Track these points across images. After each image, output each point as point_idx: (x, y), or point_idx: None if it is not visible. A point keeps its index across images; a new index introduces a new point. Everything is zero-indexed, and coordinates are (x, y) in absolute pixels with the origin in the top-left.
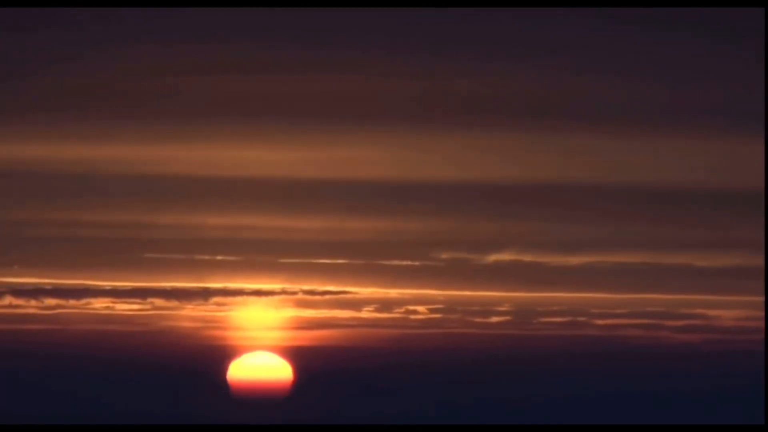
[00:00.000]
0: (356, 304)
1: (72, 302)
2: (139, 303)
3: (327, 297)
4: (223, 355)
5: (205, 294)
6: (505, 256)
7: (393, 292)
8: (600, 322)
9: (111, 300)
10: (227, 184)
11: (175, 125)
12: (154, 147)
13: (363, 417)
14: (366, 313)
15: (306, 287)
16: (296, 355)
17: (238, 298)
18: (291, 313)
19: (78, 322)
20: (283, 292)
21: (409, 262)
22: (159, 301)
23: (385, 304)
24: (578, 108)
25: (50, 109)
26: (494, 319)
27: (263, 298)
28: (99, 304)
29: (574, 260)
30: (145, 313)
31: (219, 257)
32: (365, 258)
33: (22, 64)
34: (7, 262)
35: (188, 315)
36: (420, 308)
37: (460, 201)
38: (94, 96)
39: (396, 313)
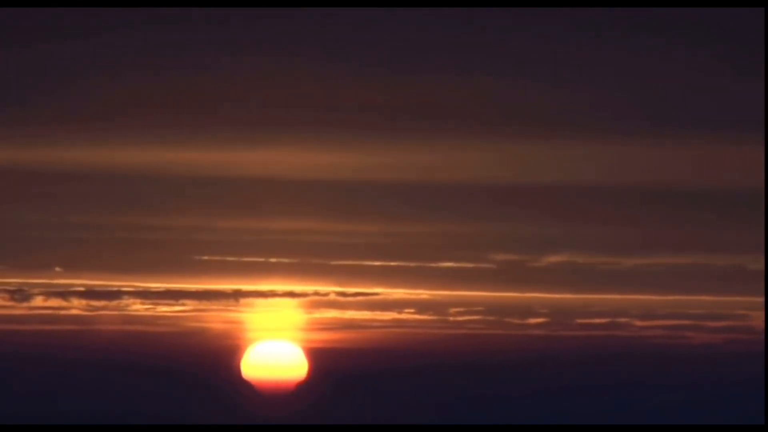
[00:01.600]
0: (390, 306)
1: (103, 303)
2: (169, 305)
3: (359, 298)
4: (239, 354)
5: (236, 296)
6: (559, 258)
7: (437, 294)
8: (639, 323)
9: (141, 301)
10: (282, 186)
11: (232, 130)
12: (211, 151)
13: (366, 418)
14: (402, 315)
15: (338, 289)
16: (315, 355)
17: (270, 300)
18: (320, 314)
19: (104, 323)
20: (315, 293)
21: (462, 264)
22: (191, 303)
23: (423, 306)
24: (625, 113)
25: (105, 115)
26: (531, 320)
27: (295, 300)
28: (134, 306)
29: (628, 262)
30: (172, 315)
31: (273, 260)
32: (418, 260)
33: (89, 68)
34: (50, 264)
35: (216, 317)
36: (457, 309)
37: (514, 203)
38: (154, 101)
39: (429, 315)
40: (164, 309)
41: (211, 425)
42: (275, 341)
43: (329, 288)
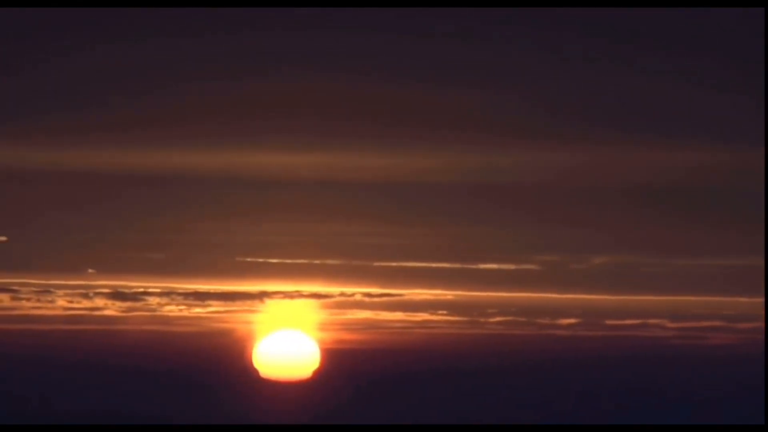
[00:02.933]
0: (419, 307)
1: (136, 304)
2: (195, 306)
3: (384, 299)
4: (251, 351)
5: (262, 296)
6: (604, 260)
7: (469, 295)
8: (671, 324)
9: (169, 302)
10: (327, 188)
11: (279, 136)
12: (257, 155)
13: (369, 418)
14: (434, 316)
15: (363, 290)
16: (328, 354)
17: (297, 301)
18: (341, 315)
19: (134, 324)
20: (341, 294)
21: (504, 266)
22: (216, 304)
23: (452, 307)
24: (667, 117)
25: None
26: (562, 321)
27: (320, 300)
28: (165, 307)
29: (674, 263)
30: (193, 316)
31: (316, 261)
32: (463, 262)
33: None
34: (83, 266)
35: (238, 317)
36: (488, 310)
37: (557, 205)
38: (197, 108)
39: (456, 316)
40: (196, 310)
41: (219, 425)
42: (288, 340)
43: (355, 289)
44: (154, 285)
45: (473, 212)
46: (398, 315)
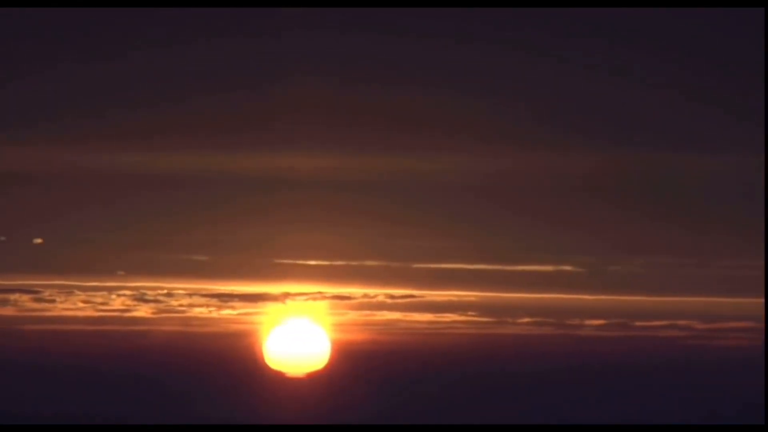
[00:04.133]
0: (435, 308)
1: (151, 306)
2: (223, 308)
3: (407, 300)
4: (263, 352)
5: (284, 298)
6: (642, 260)
7: (495, 297)
8: (700, 326)
9: (191, 303)
10: (360, 189)
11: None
12: (296, 156)
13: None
14: (462, 317)
15: (387, 291)
16: (340, 354)
17: (319, 303)
18: (372, 317)
19: (151, 324)
20: (365, 296)
21: (540, 268)
22: (239, 305)
23: (471, 308)
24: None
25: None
26: (592, 322)
27: (343, 302)
28: (196, 309)
29: (707, 264)
30: (216, 317)
31: (354, 263)
32: (501, 263)
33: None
34: (111, 269)
35: (258, 319)
36: (515, 312)
37: (592, 208)
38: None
39: (476, 317)
40: (223, 312)
41: (224, 425)
42: (297, 335)
43: (378, 290)
44: (181, 286)
45: (506, 214)
46: (427, 316)
